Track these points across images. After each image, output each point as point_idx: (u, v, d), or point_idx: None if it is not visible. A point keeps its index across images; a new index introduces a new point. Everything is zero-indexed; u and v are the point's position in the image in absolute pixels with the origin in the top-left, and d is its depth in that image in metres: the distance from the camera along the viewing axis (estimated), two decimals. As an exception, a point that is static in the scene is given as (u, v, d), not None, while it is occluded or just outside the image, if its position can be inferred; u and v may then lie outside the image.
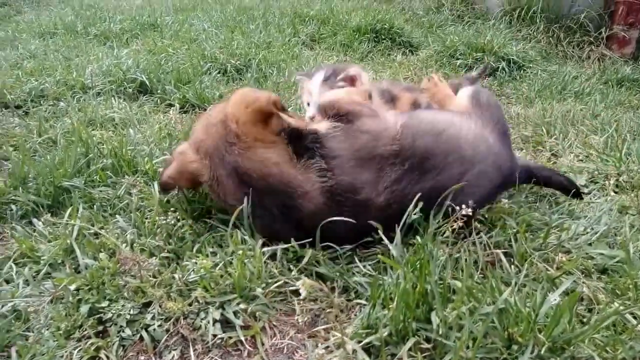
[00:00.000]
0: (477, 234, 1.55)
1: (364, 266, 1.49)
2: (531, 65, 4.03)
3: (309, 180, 1.48)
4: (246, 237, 1.50)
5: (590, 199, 2.04)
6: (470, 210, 1.40)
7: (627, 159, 2.30)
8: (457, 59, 4.08)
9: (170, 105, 2.86)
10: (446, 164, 1.56)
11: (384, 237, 1.41)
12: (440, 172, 1.55)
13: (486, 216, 1.67)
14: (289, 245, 1.46)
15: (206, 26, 4.68)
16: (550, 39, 4.90)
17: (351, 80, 1.93)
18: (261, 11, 5.31)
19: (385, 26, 4.51)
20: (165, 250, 1.49)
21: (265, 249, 1.46)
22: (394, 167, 1.53)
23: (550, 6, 5.01)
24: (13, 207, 1.69)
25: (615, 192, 2.11)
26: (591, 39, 4.79)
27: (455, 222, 1.41)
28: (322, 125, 1.61)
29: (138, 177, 1.87)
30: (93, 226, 1.65)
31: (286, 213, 1.48)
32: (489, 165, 1.63)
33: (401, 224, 1.46)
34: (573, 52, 4.80)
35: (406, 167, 1.52)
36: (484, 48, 4.09)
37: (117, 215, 1.62)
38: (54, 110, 2.68)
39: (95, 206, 1.73)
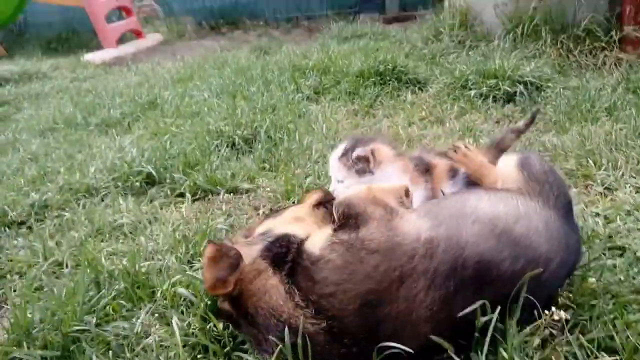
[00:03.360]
0: (567, 326, 1.28)
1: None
2: (550, 84, 3.81)
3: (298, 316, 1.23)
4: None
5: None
6: (563, 314, 1.14)
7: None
8: (470, 89, 3.88)
9: (181, 194, 2.66)
10: (515, 270, 1.26)
11: None
12: (507, 280, 1.25)
13: (570, 297, 1.40)
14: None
15: (206, 95, 4.57)
16: (560, 50, 4.69)
17: (365, 160, 1.71)
18: (259, 70, 5.20)
19: (389, 66, 4.35)
20: (199, 408, 1.25)
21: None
22: (430, 289, 1.20)
23: (553, 17, 4.84)
24: (19, 367, 1.47)
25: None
26: (603, 44, 4.57)
27: (546, 327, 1.15)
28: (317, 242, 1.33)
29: (154, 307, 1.63)
30: (112, 378, 1.42)
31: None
32: (562, 250, 1.35)
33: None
34: (587, 60, 4.58)
35: (454, 286, 1.21)
36: (496, 74, 3.89)
37: (137, 365, 1.39)
38: (59, 223, 2.49)
39: (110, 351, 1.50)
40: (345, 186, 1.74)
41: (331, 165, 1.84)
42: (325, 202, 1.63)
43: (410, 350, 1.15)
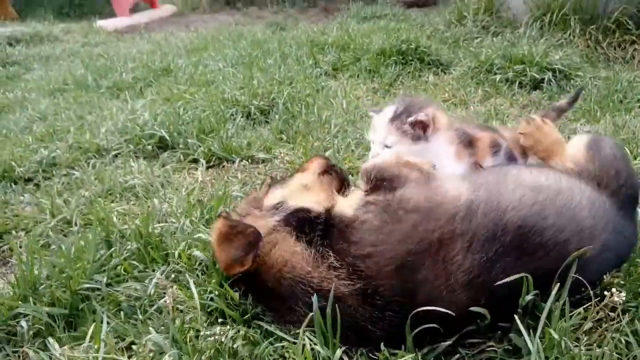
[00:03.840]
0: (618, 310, 1.18)
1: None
2: (579, 73, 3.66)
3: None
4: (317, 347, 1.15)
5: None
6: (622, 297, 1.04)
7: None
8: (495, 73, 3.74)
9: (195, 160, 2.56)
10: (558, 241, 1.18)
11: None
12: (550, 251, 1.17)
13: (622, 282, 1.29)
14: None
15: (221, 65, 4.44)
16: (589, 42, 4.54)
17: (422, 126, 1.59)
18: (275, 44, 5.06)
19: (412, 46, 4.21)
20: (217, 375, 1.16)
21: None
22: (469, 252, 1.14)
23: (584, 7, 4.67)
24: (24, 323, 1.38)
25: None
26: (633, 37, 4.42)
27: (602, 309, 1.05)
28: (349, 204, 1.26)
29: (168, 269, 1.54)
30: (123, 340, 1.33)
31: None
32: (610, 233, 1.25)
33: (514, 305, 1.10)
34: (615, 53, 4.43)
35: (494, 252, 1.14)
36: (523, 59, 3.75)
37: (150, 328, 1.29)
38: (67, 181, 2.40)
39: (122, 312, 1.41)
40: (393, 152, 1.62)
41: (378, 128, 1.66)
42: (330, 169, 1.57)
43: (451, 313, 1.08)
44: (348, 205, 1.28)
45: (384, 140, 1.62)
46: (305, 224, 1.29)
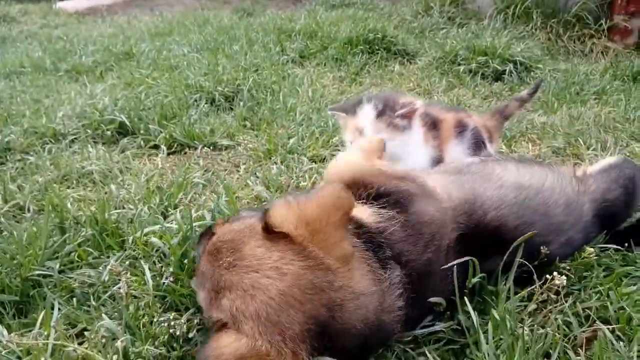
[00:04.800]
0: (562, 293, 1.24)
1: (429, 352, 1.15)
2: (539, 65, 3.76)
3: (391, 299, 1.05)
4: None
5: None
6: (564, 280, 1.08)
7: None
8: (459, 64, 3.80)
9: (156, 146, 2.51)
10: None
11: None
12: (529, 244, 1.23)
13: (568, 267, 1.35)
14: None
15: (186, 50, 4.35)
16: (550, 35, 4.66)
17: (409, 116, 1.63)
18: (242, 30, 4.99)
19: (379, 35, 4.22)
20: (170, 360, 1.15)
21: None
22: (457, 253, 1.19)
23: (546, 0, 4.78)
24: (-29, 310, 1.34)
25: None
26: (592, 31, 4.57)
27: (543, 293, 1.09)
28: (363, 214, 1.16)
29: (124, 256, 1.52)
30: (75, 327, 1.30)
31: None
32: (578, 232, 1.35)
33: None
34: (575, 46, 4.57)
35: (473, 248, 1.19)
36: (486, 51, 3.82)
37: (103, 314, 1.27)
38: (22, 167, 2.32)
39: (75, 299, 1.38)
40: (359, 147, 1.62)
41: (362, 128, 1.65)
42: None
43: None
44: (362, 215, 1.17)
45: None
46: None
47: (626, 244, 1.45)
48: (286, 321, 0.89)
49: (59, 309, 1.33)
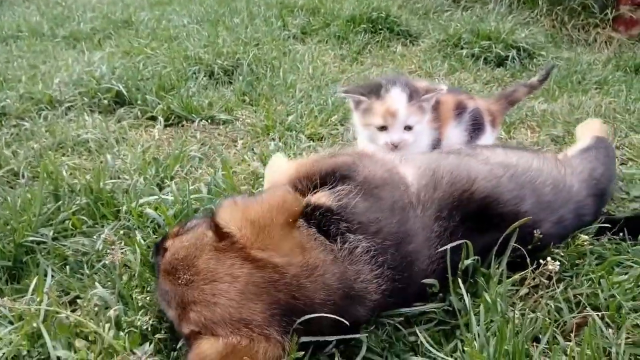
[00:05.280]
0: (554, 279, 1.25)
1: (420, 332, 1.16)
2: (542, 53, 3.73)
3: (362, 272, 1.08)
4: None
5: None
6: (557, 265, 1.09)
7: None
8: (462, 48, 3.76)
9: (153, 118, 2.49)
10: (518, 211, 1.26)
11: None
12: (511, 220, 1.23)
13: (562, 254, 1.36)
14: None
15: (186, 21, 4.28)
16: (554, 22, 4.61)
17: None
18: (243, 2, 4.91)
19: (382, 15, 4.15)
20: (162, 330, 1.16)
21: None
22: (439, 220, 1.19)
23: (552, -14, 4.72)
24: (-37, 274, 1.34)
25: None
26: (597, 20, 4.52)
27: (537, 276, 1.10)
28: (318, 199, 1.17)
29: (118, 225, 1.51)
30: (68, 294, 1.31)
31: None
32: (569, 212, 1.35)
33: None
34: (579, 35, 4.53)
35: (459, 220, 1.20)
36: (490, 35, 3.78)
37: (96, 283, 1.27)
38: (17, 132, 2.29)
39: (68, 266, 1.38)
40: (415, 132, 1.63)
41: (400, 111, 1.60)
42: None
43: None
44: (319, 199, 1.17)
45: (405, 122, 1.60)
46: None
47: (621, 234, 1.46)
48: (249, 314, 0.97)
49: (52, 276, 1.33)
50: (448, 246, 1.15)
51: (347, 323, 1.00)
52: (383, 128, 1.62)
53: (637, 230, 1.47)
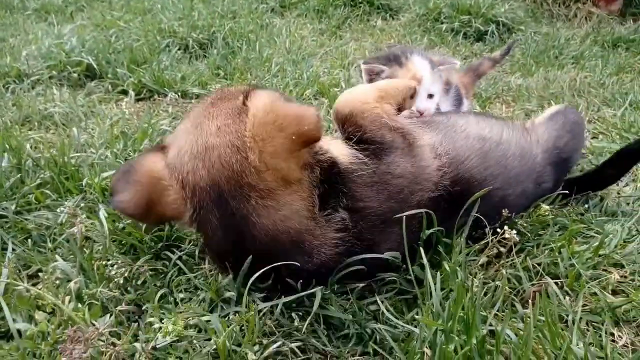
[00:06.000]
0: (515, 251, 1.26)
1: (382, 301, 1.17)
2: (522, 27, 3.73)
3: (324, 236, 1.08)
4: (229, 279, 1.17)
5: (618, 184, 1.79)
6: (515, 234, 1.10)
7: (652, 136, 2.04)
8: (442, 22, 3.74)
9: (124, 92, 2.44)
10: (492, 189, 1.26)
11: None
12: (481, 202, 1.23)
13: (524, 224, 1.38)
14: (292, 298, 1.11)
15: (161, -7, 4.17)
16: (536, -4, 4.60)
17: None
18: (222, -25, 4.79)
19: (362, -12, 4.09)
20: (123, 302, 1.15)
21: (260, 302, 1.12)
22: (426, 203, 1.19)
23: (534, -39, 4.69)
24: None
25: (644, 177, 1.86)
26: (578, -5, 4.51)
27: (494, 246, 1.11)
28: (341, 152, 1.18)
29: (81, 200, 1.49)
30: (29, 268, 1.29)
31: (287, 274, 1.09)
32: (530, 183, 1.38)
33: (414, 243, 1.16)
34: (559, 10, 4.51)
35: (447, 205, 1.21)
36: (470, 10, 3.75)
37: (57, 256, 1.26)
38: (-19, 106, 2.23)
39: (30, 239, 1.36)
40: (435, 101, 1.61)
41: (425, 77, 1.58)
42: None
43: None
44: (340, 153, 1.18)
45: (429, 89, 1.59)
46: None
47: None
48: (192, 168, 1.03)
49: (12, 249, 1.31)
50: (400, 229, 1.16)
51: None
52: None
53: (588, 187, 1.58)
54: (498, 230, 1.18)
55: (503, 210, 1.28)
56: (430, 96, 1.61)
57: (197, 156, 1.03)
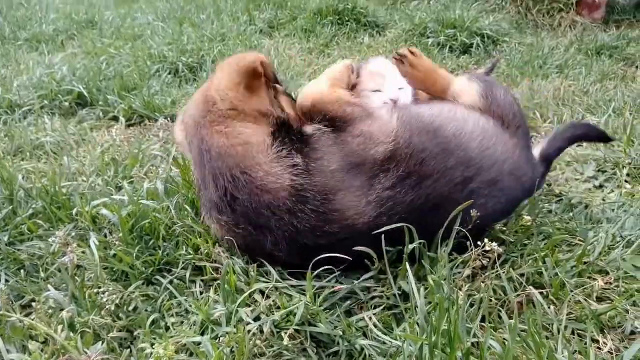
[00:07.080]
0: (498, 261, 1.28)
1: (369, 317, 1.19)
2: (506, 39, 3.79)
3: (274, 174, 1.25)
4: (219, 298, 1.19)
5: (603, 190, 1.82)
6: (496, 246, 1.13)
7: (635, 141, 2.07)
8: (428, 37, 3.80)
9: (115, 118, 2.47)
10: (446, 167, 1.29)
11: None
12: (439, 177, 1.28)
13: (506, 231, 1.40)
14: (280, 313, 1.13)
15: (151, 19, 4.25)
16: (519, 8, 4.68)
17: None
18: (211, -2, 4.88)
19: (348, 6, 4.17)
20: (115, 329, 1.16)
21: (249, 321, 1.14)
22: (388, 172, 1.26)
23: (517, -28, 4.78)
24: None
25: (627, 182, 1.89)
26: (561, 5, 4.59)
27: (477, 259, 1.13)
28: (308, 128, 1.36)
29: (72, 228, 1.51)
30: (23, 298, 1.31)
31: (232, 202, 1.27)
32: (505, 174, 1.36)
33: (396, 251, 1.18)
34: (544, 20, 4.60)
35: (401, 172, 1.26)
36: (455, 24, 3.82)
37: (49, 285, 1.27)
38: (-26, 138, 2.26)
39: (23, 270, 1.38)
40: (407, 92, 1.69)
41: (391, 77, 1.70)
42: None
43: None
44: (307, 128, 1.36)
45: (398, 85, 1.68)
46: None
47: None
48: (188, 113, 1.43)
49: (6, 280, 1.33)
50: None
51: None
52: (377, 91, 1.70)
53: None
54: (479, 243, 1.20)
55: (471, 210, 1.26)
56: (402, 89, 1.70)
57: (189, 106, 1.44)
